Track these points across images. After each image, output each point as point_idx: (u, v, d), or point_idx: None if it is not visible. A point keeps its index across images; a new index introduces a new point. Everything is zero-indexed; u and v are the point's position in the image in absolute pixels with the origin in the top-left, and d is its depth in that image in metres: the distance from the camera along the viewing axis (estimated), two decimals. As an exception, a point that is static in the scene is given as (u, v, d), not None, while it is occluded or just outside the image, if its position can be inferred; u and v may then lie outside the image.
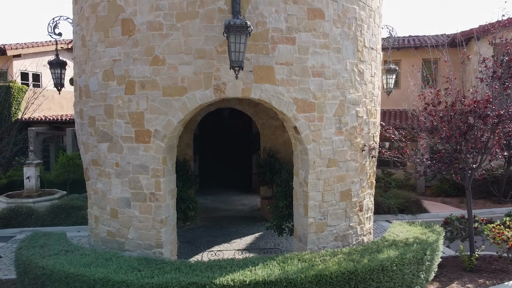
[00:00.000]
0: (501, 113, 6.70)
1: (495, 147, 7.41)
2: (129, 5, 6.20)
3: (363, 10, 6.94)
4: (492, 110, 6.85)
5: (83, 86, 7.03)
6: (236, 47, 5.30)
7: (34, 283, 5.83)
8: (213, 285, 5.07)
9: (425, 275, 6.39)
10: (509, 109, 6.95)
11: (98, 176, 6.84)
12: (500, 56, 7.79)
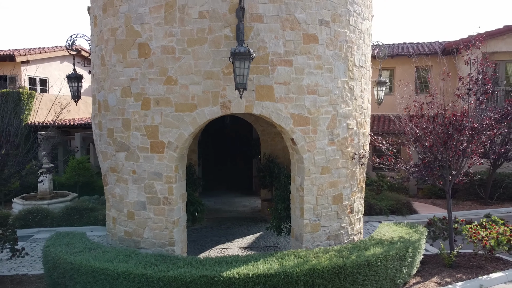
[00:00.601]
0: (475, 126, 7.54)
1: (474, 155, 8.24)
2: (145, 31, 7.04)
3: (353, 33, 7.79)
4: (468, 123, 7.70)
5: (102, 101, 7.87)
6: (240, 71, 6.14)
7: (62, 277, 6.66)
8: (221, 278, 5.90)
9: (407, 270, 7.23)
10: (483, 122, 7.80)
11: (116, 181, 7.68)
12: (476, 74, 8.57)
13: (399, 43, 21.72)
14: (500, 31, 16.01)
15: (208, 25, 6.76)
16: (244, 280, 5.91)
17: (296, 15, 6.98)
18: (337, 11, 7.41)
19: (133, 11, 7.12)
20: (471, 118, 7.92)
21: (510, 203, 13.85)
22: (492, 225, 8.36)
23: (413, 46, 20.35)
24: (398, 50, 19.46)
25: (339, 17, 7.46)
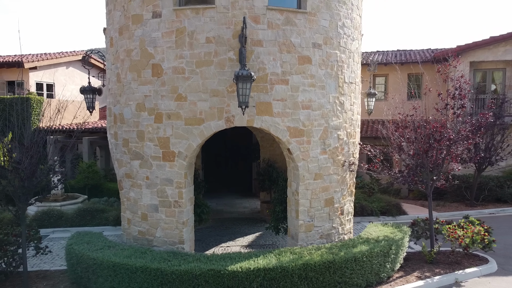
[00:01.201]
0: (451, 137, 8.48)
1: (453, 162, 9.19)
2: (158, 53, 7.97)
3: (343, 53, 8.74)
4: (447, 134, 8.64)
5: (118, 114, 8.80)
6: (243, 92, 7.07)
7: (86, 271, 7.59)
8: (226, 271, 6.83)
9: (390, 265, 8.17)
10: (460, 133, 8.75)
11: (131, 186, 8.61)
12: (453, 90, 9.49)
13: (393, 50, 22.70)
14: (487, 41, 16.96)
15: (214, 49, 7.69)
16: (246, 273, 6.85)
17: (292, 39, 7.92)
18: (328, 34, 8.35)
19: (147, 35, 8.05)
20: (450, 129, 8.86)
21: (494, 205, 14.81)
22: (469, 225, 9.31)
23: (406, 54, 21.30)
24: (391, 58, 20.39)
25: (331, 40, 8.41)
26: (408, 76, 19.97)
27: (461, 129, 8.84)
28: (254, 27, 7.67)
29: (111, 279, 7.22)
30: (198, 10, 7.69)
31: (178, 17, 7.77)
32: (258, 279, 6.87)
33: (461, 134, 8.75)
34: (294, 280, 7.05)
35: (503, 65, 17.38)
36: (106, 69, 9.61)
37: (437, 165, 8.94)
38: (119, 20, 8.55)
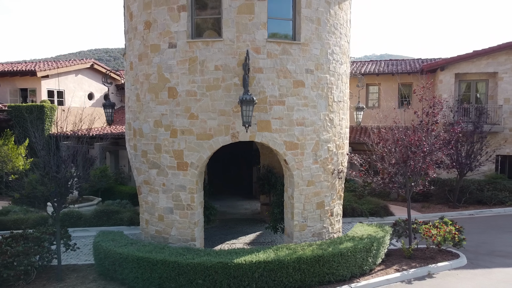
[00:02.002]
0: (424, 150, 9.91)
1: (429, 170, 10.60)
2: (173, 78, 9.39)
3: (332, 76, 10.16)
4: (422, 146, 10.06)
5: (137, 129, 10.22)
6: (246, 113, 8.49)
7: (113, 264, 9.00)
8: (232, 263, 8.24)
9: (372, 260, 9.59)
10: (433, 146, 10.17)
11: (149, 192, 10.04)
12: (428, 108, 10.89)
13: (385, 60, 24.14)
14: (470, 55, 18.40)
15: (221, 75, 9.11)
16: (249, 265, 8.26)
17: (287, 66, 9.35)
18: (319, 61, 9.78)
19: (164, 63, 9.47)
20: (425, 141, 10.27)
21: (474, 207, 16.25)
22: (443, 225, 10.74)
23: (397, 64, 22.73)
24: (383, 68, 21.81)
25: (321, 66, 9.83)
26: (399, 85, 21.38)
27: (434, 142, 10.24)
28: (255, 57, 9.09)
29: (135, 271, 8.63)
30: (208, 43, 9.11)
31: (191, 48, 9.19)
32: (259, 270, 8.29)
33: (434, 147, 10.17)
34: (289, 271, 8.46)
35: (485, 77, 18.82)
36: (126, 88, 11.02)
37: (414, 173, 10.36)
38: (138, 48, 9.97)
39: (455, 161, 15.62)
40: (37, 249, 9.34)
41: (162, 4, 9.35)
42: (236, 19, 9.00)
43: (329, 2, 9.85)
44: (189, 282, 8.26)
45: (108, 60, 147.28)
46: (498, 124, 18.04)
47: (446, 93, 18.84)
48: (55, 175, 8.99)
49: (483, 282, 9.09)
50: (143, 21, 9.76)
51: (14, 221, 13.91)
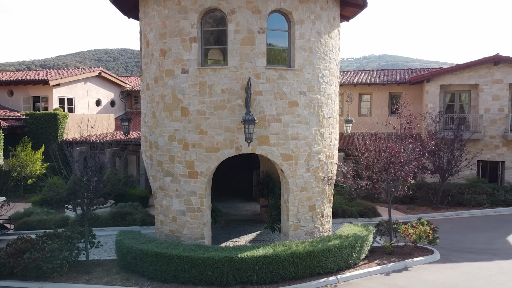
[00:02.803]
0: (401, 160, 11.55)
1: (408, 177, 12.23)
2: (185, 99, 11.01)
3: (323, 96, 11.80)
4: (400, 157, 11.69)
5: (153, 141, 11.84)
6: (248, 131, 10.12)
7: (134, 259, 10.62)
8: (236, 258, 9.86)
9: (356, 255, 11.22)
10: (409, 157, 11.81)
11: (164, 196, 11.66)
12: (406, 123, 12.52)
13: (377, 69, 25.81)
14: (454, 68, 20.07)
15: (227, 97, 10.74)
16: (251, 259, 9.89)
17: (283, 89, 10.98)
18: (311, 84, 11.42)
19: (177, 86, 11.09)
20: (403, 153, 11.91)
21: (455, 208, 17.91)
22: (419, 225, 12.38)
23: (388, 74, 24.39)
24: (375, 78, 23.46)
25: (313, 88, 11.47)
26: (389, 94, 23.06)
27: (410, 153, 11.89)
28: (256, 82, 10.72)
29: (154, 264, 10.26)
30: (216, 69, 10.74)
31: (201, 73, 10.82)
32: (259, 263, 9.92)
33: (411, 157, 11.81)
34: (285, 264, 10.09)
35: (468, 88, 20.49)
36: (142, 106, 12.64)
37: (395, 179, 12.01)
38: (154, 72, 11.59)
39: (437, 167, 17.29)
40: (69, 246, 10.96)
41: (176, 35, 10.98)
42: (240, 50, 10.63)
43: (319, 32, 11.49)
44: (200, 273, 9.89)
45: (108, 60, 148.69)
46: (479, 132, 19.71)
47: (432, 102, 20.50)
48: (86, 183, 10.59)
49: (449, 274, 10.74)
50: (158, 49, 11.39)
51: (38, 221, 15.51)
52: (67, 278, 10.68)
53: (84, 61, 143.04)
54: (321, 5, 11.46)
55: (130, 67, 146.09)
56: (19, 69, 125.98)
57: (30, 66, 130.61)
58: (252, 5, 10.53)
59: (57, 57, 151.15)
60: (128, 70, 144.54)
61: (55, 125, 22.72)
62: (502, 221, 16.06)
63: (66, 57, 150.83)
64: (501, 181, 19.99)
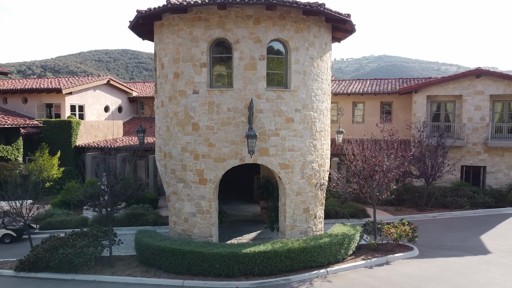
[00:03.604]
0: (383, 168, 13.36)
1: (391, 183, 14.03)
2: (196, 116, 12.81)
3: (315, 112, 13.60)
4: (383, 165, 13.49)
5: (167, 152, 13.64)
6: (251, 144, 11.93)
7: (152, 254, 12.42)
8: (241, 253, 11.66)
9: (344, 251, 13.02)
10: (391, 165, 13.61)
11: (176, 200, 13.47)
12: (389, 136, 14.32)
13: (370, 79, 27.68)
14: (439, 80, 21.88)
15: (232, 115, 12.54)
16: (253, 254, 11.69)
17: (281, 108, 12.78)
18: (305, 102, 13.22)
19: (189, 104, 12.89)
20: (386, 162, 13.71)
21: (438, 210, 19.73)
22: (400, 225, 14.19)
23: (379, 83, 26.19)
24: (367, 89, 25.25)
25: (307, 106, 13.28)
26: (381, 103, 24.87)
27: (392, 162, 13.69)
28: (257, 101, 12.52)
29: (170, 258, 12.05)
30: (222, 91, 12.55)
31: (210, 94, 12.62)
32: (260, 258, 11.72)
33: (392, 166, 13.63)
34: (282, 259, 11.89)
35: (453, 98, 22.31)
36: (156, 120, 14.45)
37: (379, 185, 13.81)
38: (169, 92, 13.39)
39: (422, 172, 19.12)
40: (95, 243, 12.77)
41: (188, 61, 12.78)
42: (243, 74, 12.43)
43: (312, 57, 13.30)
44: (210, 266, 11.70)
45: (108, 61, 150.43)
46: (462, 139, 21.54)
47: (420, 111, 22.31)
48: (111, 189, 12.40)
49: (424, 267, 12.55)
50: (172, 72, 13.19)
51: (60, 222, 17.32)
52: (94, 271, 12.49)
53: (84, 61, 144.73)
54: (314, 33, 13.26)
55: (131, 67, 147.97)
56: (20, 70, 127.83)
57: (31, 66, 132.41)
58: (254, 36, 12.33)
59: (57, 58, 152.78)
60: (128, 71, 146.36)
61: (69, 132, 24.51)
62: (479, 221, 17.87)
63: (67, 57, 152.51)
64: (483, 184, 21.80)
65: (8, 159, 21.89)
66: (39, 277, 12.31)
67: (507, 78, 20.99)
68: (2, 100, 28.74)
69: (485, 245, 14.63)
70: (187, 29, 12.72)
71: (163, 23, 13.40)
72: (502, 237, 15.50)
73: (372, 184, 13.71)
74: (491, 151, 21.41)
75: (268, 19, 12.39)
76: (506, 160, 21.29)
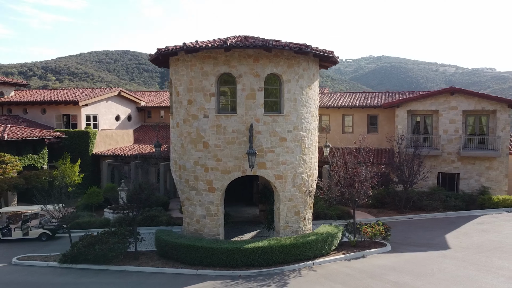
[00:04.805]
0: (361, 178, 16.36)
1: (368, 190, 17.03)
2: (206, 135, 15.81)
3: (305, 132, 16.61)
4: (360, 175, 16.48)
5: (182, 165, 16.65)
6: (251, 160, 14.93)
7: (170, 249, 15.41)
8: (243, 248, 14.65)
9: (328, 247, 16.02)
10: (367, 175, 16.61)
11: (190, 204, 16.48)
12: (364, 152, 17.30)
13: (360, 92, 30.71)
14: (418, 97, 24.90)
15: (236, 135, 15.53)
16: (253, 249, 14.68)
17: (276, 129, 15.78)
18: (296, 124, 16.22)
19: (200, 126, 15.88)
20: (363, 173, 16.69)
21: (415, 212, 22.75)
22: (376, 225, 17.19)
23: (367, 97, 29.16)
24: (355, 102, 28.24)
25: (297, 127, 16.28)
26: (368, 115, 27.88)
27: (367, 173, 16.69)
28: (256, 124, 15.51)
29: (185, 252, 15.04)
30: (228, 116, 15.54)
31: (218, 118, 15.61)
32: (258, 252, 14.71)
33: (368, 177, 16.62)
34: (276, 253, 14.88)
35: (431, 113, 25.34)
36: (171, 137, 17.44)
37: (358, 192, 16.81)
38: (183, 115, 16.38)
39: (400, 179, 22.15)
40: (123, 240, 15.76)
41: (199, 91, 15.78)
42: (245, 102, 15.43)
43: (302, 87, 16.30)
44: (218, 259, 14.70)
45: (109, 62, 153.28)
46: (438, 149, 24.57)
47: (401, 124, 25.34)
48: (138, 195, 15.41)
49: (393, 260, 15.55)
50: (186, 99, 16.18)
51: (87, 222, 20.32)
52: (124, 263, 15.49)
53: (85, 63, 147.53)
54: (303, 67, 16.27)
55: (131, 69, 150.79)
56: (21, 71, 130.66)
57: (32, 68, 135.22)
58: (254, 71, 15.33)
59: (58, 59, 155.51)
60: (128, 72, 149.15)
61: (87, 141, 27.51)
62: (448, 222, 20.90)
63: (67, 58, 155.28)
64: (456, 189, 24.83)
65: (35, 167, 24.88)
66: (79, 267, 15.32)
67: (477, 95, 24.03)
68: (22, 110, 31.71)
69: (447, 242, 17.66)
70: (198, 64, 15.71)
71: (179, 58, 16.40)
72: (463, 235, 18.53)
73: (352, 191, 16.71)
74: (464, 159, 24.44)
75: (265, 57, 15.39)
76: (477, 168, 24.32)
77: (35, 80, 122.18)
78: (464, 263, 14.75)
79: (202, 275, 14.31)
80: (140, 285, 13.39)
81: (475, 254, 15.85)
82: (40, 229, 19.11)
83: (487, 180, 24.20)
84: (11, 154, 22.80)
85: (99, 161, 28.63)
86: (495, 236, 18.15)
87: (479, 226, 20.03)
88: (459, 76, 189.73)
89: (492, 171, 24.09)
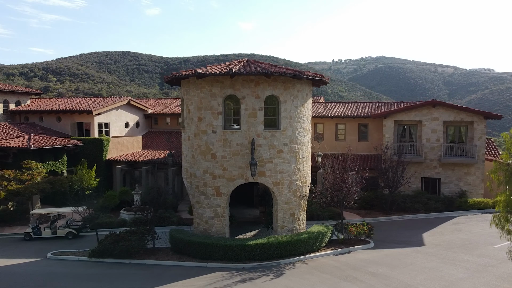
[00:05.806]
0: (347, 184, 19.18)
1: (354, 194, 19.84)
2: (214, 148, 18.62)
3: (299, 145, 19.43)
4: (348, 181, 19.30)
5: (192, 173, 19.46)
6: (253, 170, 17.75)
7: (183, 245, 18.22)
8: (246, 244, 17.45)
9: (319, 244, 18.84)
10: (353, 181, 19.43)
11: (199, 207, 19.31)
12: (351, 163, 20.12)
13: (352, 101, 33.50)
14: (403, 109, 27.73)
15: (240, 148, 18.33)
16: (254, 245, 17.49)
17: (273, 143, 18.59)
18: (291, 138, 19.04)
19: (209, 140, 18.69)
20: (349, 180, 19.50)
21: (399, 213, 25.60)
22: (360, 225, 20.01)
23: (358, 107, 31.98)
24: (347, 112, 31.06)
25: (293, 140, 19.09)
26: (359, 124, 30.72)
27: (353, 180, 19.50)
28: (257, 139, 18.32)
29: (197, 248, 17.85)
30: (233, 131, 18.35)
31: (224, 133, 18.42)
32: (259, 248, 17.51)
33: (354, 183, 19.44)
34: (274, 249, 17.69)
35: (415, 123, 28.19)
36: (183, 149, 20.24)
37: (346, 196, 19.62)
38: (193, 130, 19.18)
39: (385, 183, 24.98)
40: (143, 238, 18.56)
41: (208, 109, 18.59)
42: (248, 120, 18.23)
43: (296, 106, 19.12)
44: (225, 253, 17.51)
45: (109, 63, 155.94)
46: (421, 156, 27.41)
47: (389, 133, 28.18)
48: (155, 200, 18.22)
49: (374, 255, 18.37)
50: (197, 116, 18.99)
51: (106, 222, 23.11)
52: (144, 257, 18.31)
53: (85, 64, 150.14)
54: (298, 89, 19.08)
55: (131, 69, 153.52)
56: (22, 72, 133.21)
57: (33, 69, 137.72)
58: (255, 93, 18.14)
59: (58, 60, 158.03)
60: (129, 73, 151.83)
61: (101, 148, 30.29)
62: (427, 223, 23.74)
63: (68, 59, 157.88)
64: (438, 193, 27.69)
65: (56, 172, 27.66)
66: (106, 261, 18.12)
67: (456, 108, 26.89)
68: (38, 118, 34.48)
69: (423, 240, 20.50)
70: (207, 87, 18.52)
71: (190, 81, 19.21)
72: (438, 234, 21.37)
73: (340, 195, 19.53)
74: (445, 165, 27.29)
75: (265, 81, 18.20)
76: (456, 173, 27.18)
77: (36, 81, 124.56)
78: (433, 257, 17.60)
79: (211, 267, 17.12)
80: (161, 275, 16.20)
81: (444, 250, 18.71)
82: (67, 228, 21.90)
83: (465, 184, 27.06)
84: (36, 161, 25.57)
85: (111, 166, 31.39)
86: (466, 235, 21.02)
87: (453, 226, 22.89)
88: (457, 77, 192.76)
89: (469, 176, 26.95)
